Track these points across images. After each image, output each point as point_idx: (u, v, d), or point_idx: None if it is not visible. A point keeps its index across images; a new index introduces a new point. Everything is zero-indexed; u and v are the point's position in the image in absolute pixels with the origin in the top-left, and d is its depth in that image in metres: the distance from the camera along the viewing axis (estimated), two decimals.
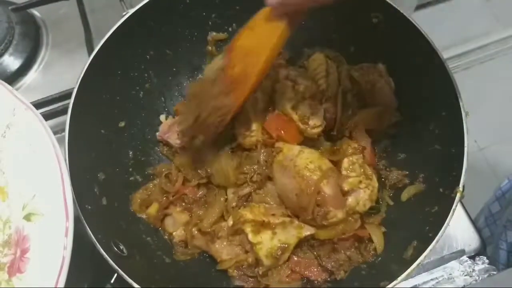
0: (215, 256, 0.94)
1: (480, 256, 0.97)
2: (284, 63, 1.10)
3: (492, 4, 2.53)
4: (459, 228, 1.00)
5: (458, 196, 0.81)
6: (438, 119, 0.92)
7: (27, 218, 0.70)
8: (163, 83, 1.12)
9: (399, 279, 0.77)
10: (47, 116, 1.06)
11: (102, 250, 0.78)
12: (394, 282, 0.77)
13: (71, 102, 0.89)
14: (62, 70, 1.26)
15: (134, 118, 1.07)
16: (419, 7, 2.22)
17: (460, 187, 0.82)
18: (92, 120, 0.96)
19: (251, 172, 0.95)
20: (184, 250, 0.97)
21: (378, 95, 1.01)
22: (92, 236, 0.79)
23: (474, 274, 0.95)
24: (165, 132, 1.08)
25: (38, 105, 1.06)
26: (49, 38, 1.32)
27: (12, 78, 1.24)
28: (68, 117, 0.88)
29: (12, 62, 1.25)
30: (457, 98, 0.87)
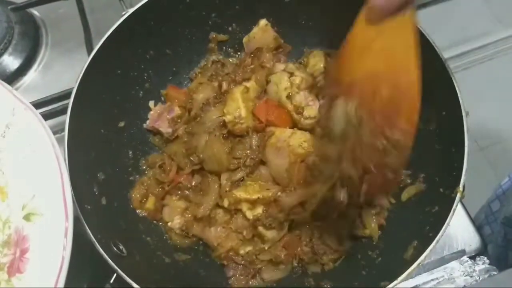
0: (211, 242, 0.94)
1: (481, 257, 0.97)
2: (284, 58, 1.11)
3: (492, 4, 2.52)
4: (459, 228, 1.00)
5: (459, 196, 0.81)
6: (438, 119, 0.92)
7: (27, 218, 0.70)
8: (163, 83, 1.12)
9: (399, 279, 0.77)
10: (46, 116, 1.06)
11: (101, 250, 0.78)
12: (394, 282, 0.77)
13: (70, 102, 0.89)
14: (62, 70, 1.26)
15: (134, 118, 1.07)
16: (419, 7, 2.21)
17: (461, 187, 0.81)
18: (92, 120, 0.96)
19: (244, 156, 0.95)
20: (182, 240, 0.97)
21: None
22: (92, 236, 0.79)
23: (474, 274, 0.95)
24: (155, 120, 1.04)
25: (37, 105, 1.06)
26: (48, 38, 1.32)
27: (12, 78, 1.23)
28: (67, 117, 0.88)
29: (11, 62, 1.25)
30: (457, 98, 0.87)
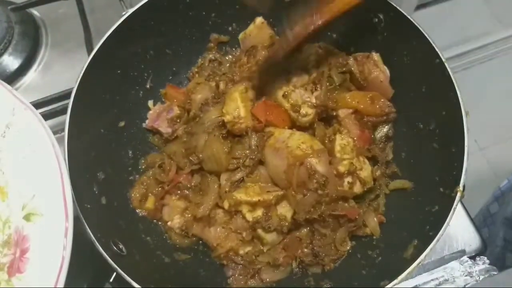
0: (210, 242, 0.94)
1: (481, 257, 0.97)
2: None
3: (492, 4, 2.52)
4: (459, 228, 1.00)
5: (459, 195, 0.81)
6: (438, 119, 0.92)
7: (27, 218, 0.70)
8: (163, 83, 1.12)
9: (400, 278, 0.77)
10: (46, 116, 1.06)
11: (101, 249, 0.78)
12: (394, 282, 0.77)
13: (70, 101, 0.89)
14: (62, 70, 1.26)
15: (134, 118, 1.07)
16: (419, 7, 2.22)
17: (461, 186, 0.81)
18: (92, 120, 0.96)
19: (243, 157, 0.95)
20: (182, 239, 0.97)
21: (373, 84, 1.01)
22: (92, 236, 0.79)
23: (474, 274, 0.95)
24: (154, 119, 1.04)
25: (37, 105, 1.06)
26: (48, 38, 1.32)
27: (12, 78, 1.23)
28: (67, 117, 0.88)
29: (11, 62, 1.25)
30: (457, 98, 0.87)
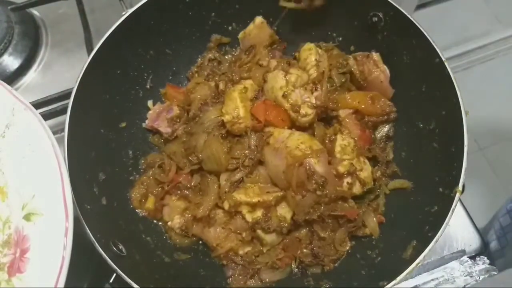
0: (210, 242, 0.94)
1: (481, 257, 0.97)
2: (279, 53, 1.12)
3: (492, 4, 2.53)
4: (459, 228, 1.00)
5: (458, 195, 0.81)
6: (438, 119, 0.92)
7: (27, 218, 0.70)
8: (163, 83, 1.12)
9: (399, 278, 0.77)
10: (46, 116, 1.06)
11: (101, 250, 0.78)
12: (394, 282, 0.77)
13: (70, 102, 0.89)
14: (62, 70, 1.26)
15: (134, 118, 1.07)
16: (419, 7, 2.22)
17: (460, 186, 0.81)
18: (92, 120, 0.96)
19: (243, 156, 0.95)
20: (182, 239, 0.98)
21: (373, 84, 1.01)
22: (92, 236, 0.79)
23: (474, 274, 0.95)
24: (154, 119, 1.04)
25: (37, 105, 1.06)
26: (48, 38, 1.32)
27: (12, 78, 1.24)
28: (67, 117, 0.88)
29: (11, 62, 1.25)
30: (457, 98, 0.87)
